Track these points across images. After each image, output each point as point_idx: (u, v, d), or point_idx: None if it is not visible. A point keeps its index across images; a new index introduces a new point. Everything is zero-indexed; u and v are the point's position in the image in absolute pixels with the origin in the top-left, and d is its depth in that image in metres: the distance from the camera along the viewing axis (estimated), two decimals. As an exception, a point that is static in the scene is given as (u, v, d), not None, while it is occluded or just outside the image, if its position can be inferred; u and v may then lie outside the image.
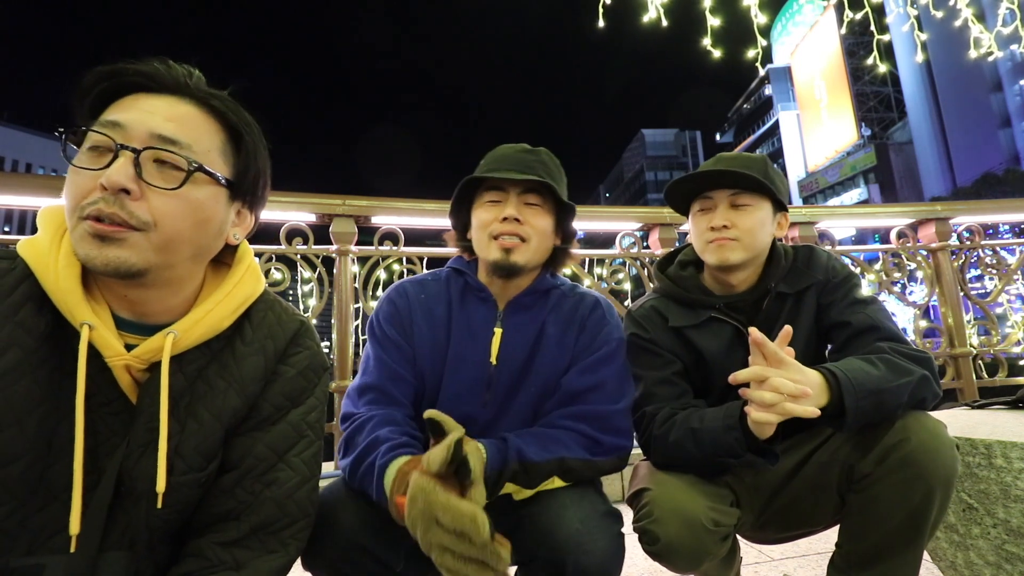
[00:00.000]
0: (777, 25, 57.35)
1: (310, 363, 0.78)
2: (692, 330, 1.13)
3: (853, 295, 1.09)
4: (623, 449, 0.97)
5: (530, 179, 0.99)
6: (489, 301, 1.05)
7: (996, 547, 1.05)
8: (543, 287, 1.08)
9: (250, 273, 0.75)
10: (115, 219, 0.60)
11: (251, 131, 0.71)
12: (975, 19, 3.92)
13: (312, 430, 0.75)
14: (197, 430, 0.67)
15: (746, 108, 66.14)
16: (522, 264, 1.01)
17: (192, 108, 0.66)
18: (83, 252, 0.60)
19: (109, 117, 0.63)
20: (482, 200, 1.04)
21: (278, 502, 0.70)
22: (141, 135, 0.62)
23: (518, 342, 1.03)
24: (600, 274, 2.69)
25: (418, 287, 1.08)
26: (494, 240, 1.01)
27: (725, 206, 1.10)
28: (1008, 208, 3.22)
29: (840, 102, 48.41)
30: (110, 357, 0.63)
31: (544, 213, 1.03)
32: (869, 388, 0.87)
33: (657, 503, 0.95)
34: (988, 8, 22.56)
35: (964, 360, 2.82)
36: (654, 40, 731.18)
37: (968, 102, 37.40)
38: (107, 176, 0.60)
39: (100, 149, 0.62)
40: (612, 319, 1.08)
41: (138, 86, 0.65)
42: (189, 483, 0.66)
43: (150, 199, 0.62)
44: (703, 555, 0.94)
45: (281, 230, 2.24)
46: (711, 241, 1.10)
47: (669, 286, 1.19)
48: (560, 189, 1.03)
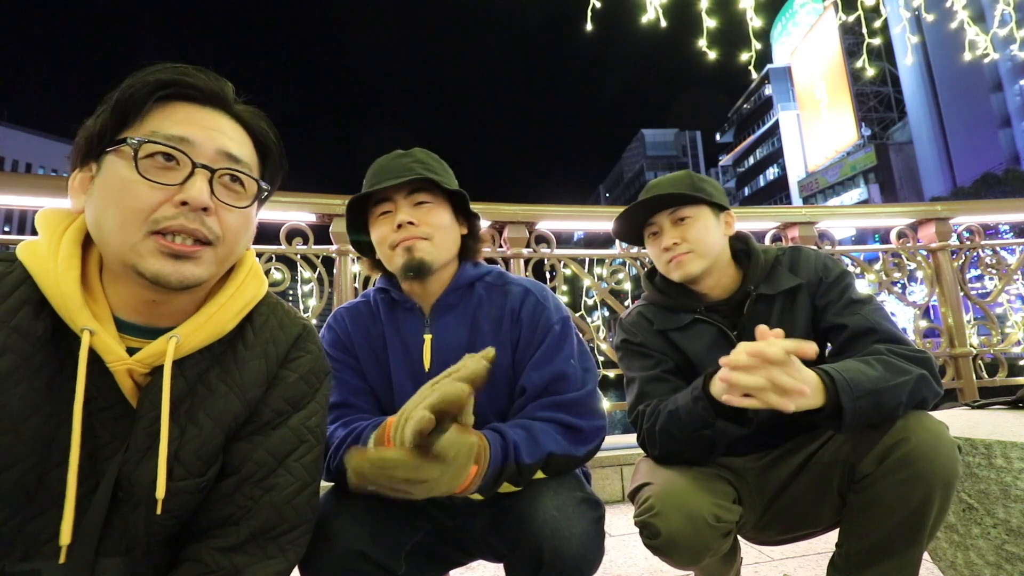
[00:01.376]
0: (777, 25, 57.40)
1: (312, 367, 0.77)
2: (677, 332, 1.17)
3: (848, 295, 1.09)
4: (601, 431, 0.96)
5: (410, 179, 0.98)
6: (415, 310, 1.05)
7: (996, 547, 1.05)
8: (464, 280, 1.06)
9: (252, 275, 0.75)
10: (197, 235, 0.63)
11: (278, 148, 0.75)
12: (972, 20, 3.93)
13: (312, 435, 0.75)
14: (197, 435, 0.67)
15: (746, 108, 66.17)
16: (430, 261, 0.99)
17: (237, 125, 0.70)
18: (154, 269, 0.61)
19: (174, 132, 0.63)
20: (374, 216, 1.03)
21: (277, 508, 0.69)
22: (210, 153, 0.65)
23: (450, 344, 1.01)
24: (600, 274, 2.70)
25: (351, 311, 1.09)
26: (395, 248, 1.00)
27: (669, 224, 1.16)
28: (1008, 208, 3.22)
29: (840, 102, 48.44)
30: (112, 362, 0.63)
31: (437, 208, 1.02)
32: (866, 388, 0.87)
33: (658, 497, 0.96)
34: (987, 8, 22.57)
35: (964, 360, 2.82)
36: (654, 40, 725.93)
37: (968, 102, 37.42)
38: (193, 196, 0.62)
39: (169, 163, 0.63)
40: (547, 302, 1.04)
41: (186, 97, 0.66)
42: (189, 488, 0.66)
43: (220, 215, 0.66)
44: (704, 550, 0.94)
45: (281, 230, 2.24)
46: (669, 261, 1.16)
47: (654, 294, 1.25)
48: (444, 179, 1.02)
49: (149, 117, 0.63)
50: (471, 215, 1.09)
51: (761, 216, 2.93)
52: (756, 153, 62.86)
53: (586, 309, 2.70)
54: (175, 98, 0.65)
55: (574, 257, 2.67)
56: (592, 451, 0.94)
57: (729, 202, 1.21)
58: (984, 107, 36.72)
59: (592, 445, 0.94)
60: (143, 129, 0.63)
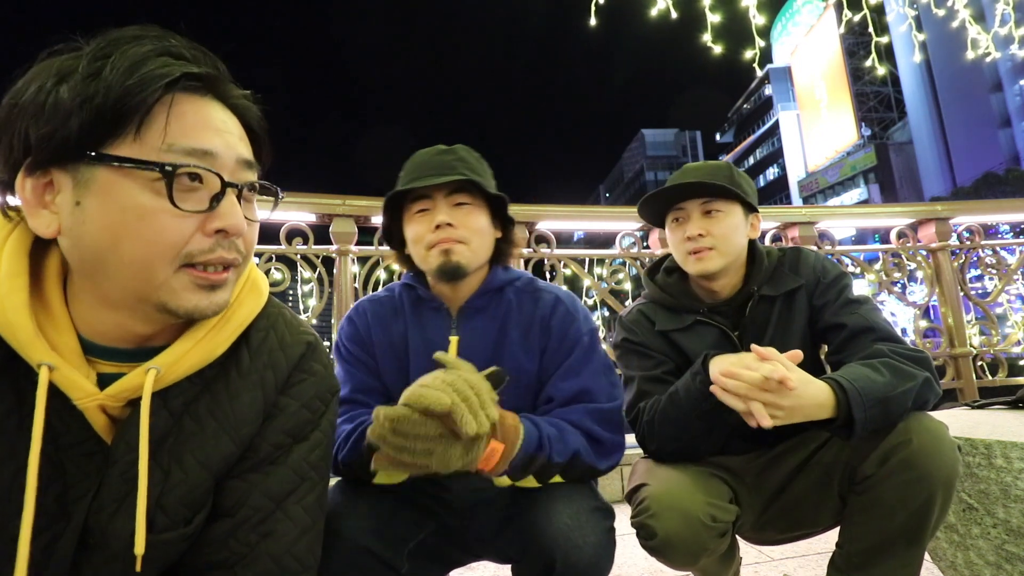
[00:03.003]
0: (777, 25, 57.36)
1: (316, 391, 0.68)
2: (678, 333, 1.16)
3: (846, 295, 1.10)
4: (620, 449, 0.96)
5: (453, 179, 0.95)
6: (442, 310, 1.03)
7: (996, 547, 1.05)
8: (495, 285, 1.04)
9: (249, 286, 0.65)
10: (234, 264, 0.56)
11: (267, 136, 0.65)
12: (973, 20, 3.92)
13: (315, 470, 0.66)
14: (183, 480, 0.58)
15: (746, 108, 66.15)
16: (465, 264, 0.98)
17: (234, 116, 0.59)
18: (190, 305, 0.54)
19: (196, 144, 0.53)
20: (411, 212, 1.01)
21: (275, 557, 0.61)
22: (230, 164, 0.56)
23: (477, 347, 1.00)
24: (600, 274, 2.70)
25: (375, 305, 1.07)
26: (431, 249, 0.98)
27: (698, 214, 1.13)
28: (1008, 208, 3.22)
29: (840, 102, 48.41)
30: (79, 399, 0.53)
31: (476, 210, 1.00)
32: (876, 397, 0.87)
33: (655, 498, 0.96)
34: (987, 8, 22.58)
35: (964, 360, 2.82)
36: (654, 40, 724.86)
37: (968, 102, 37.39)
38: (234, 224, 0.55)
39: (193, 183, 0.53)
40: (577, 312, 1.03)
41: (189, 88, 0.54)
42: (173, 540, 0.58)
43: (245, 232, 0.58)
44: (700, 550, 0.94)
45: (281, 230, 2.24)
46: (690, 252, 1.13)
47: (656, 292, 1.23)
48: (486, 182, 1.00)
49: (153, 119, 0.51)
50: (508, 220, 1.07)
51: (761, 216, 2.92)
52: (756, 153, 62.84)
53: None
54: (179, 89, 0.53)
55: (574, 257, 2.67)
56: (611, 466, 0.94)
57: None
58: (984, 107, 36.70)
59: (612, 460, 0.94)
60: (151, 139, 0.51)
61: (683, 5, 3.42)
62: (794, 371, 0.88)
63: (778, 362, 0.88)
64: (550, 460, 0.84)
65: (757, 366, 0.87)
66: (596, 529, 0.85)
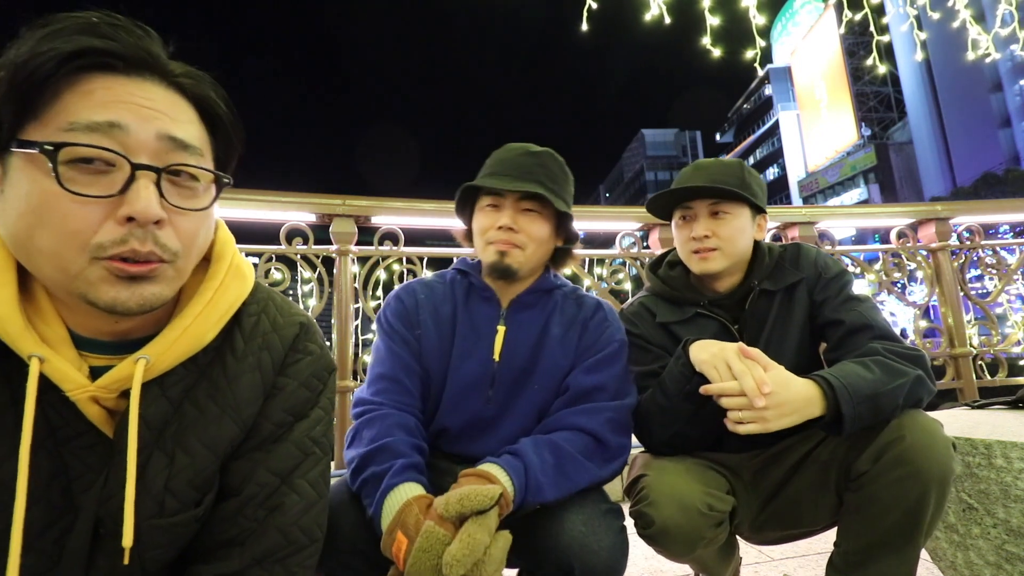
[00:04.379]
0: (777, 25, 57.36)
1: (313, 370, 0.69)
2: (678, 326, 1.17)
3: (846, 292, 1.11)
4: (625, 451, 0.98)
5: (523, 189, 0.99)
6: (493, 300, 1.06)
7: (996, 547, 1.05)
8: (545, 286, 1.09)
9: (233, 272, 0.64)
10: (151, 258, 0.51)
11: (230, 117, 0.61)
12: (973, 20, 3.92)
13: (318, 446, 0.68)
14: (189, 464, 0.59)
15: (746, 108, 66.14)
16: (516, 268, 1.02)
17: (176, 94, 0.55)
18: (109, 297, 0.51)
19: (98, 117, 0.49)
20: (482, 204, 1.05)
21: (283, 530, 0.63)
22: (148, 140, 0.51)
23: (521, 339, 1.04)
24: (600, 274, 2.69)
25: (425, 288, 1.10)
26: (490, 245, 1.02)
27: (705, 215, 1.14)
28: (1008, 208, 3.22)
29: (840, 102, 48.40)
30: (71, 391, 0.53)
31: (541, 219, 1.03)
32: (865, 393, 0.88)
33: (652, 487, 0.97)
34: (988, 8, 22.58)
35: (964, 360, 2.82)
36: (654, 40, 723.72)
37: (968, 102, 37.39)
38: (141, 210, 0.49)
39: (96, 163, 0.49)
40: (614, 322, 1.09)
41: (104, 66, 0.50)
42: (184, 521, 0.59)
43: (175, 222, 0.54)
44: (697, 539, 0.95)
45: (281, 230, 2.24)
46: (694, 251, 1.14)
47: (658, 285, 1.24)
48: (560, 196, 1.03)
49: (60, 100, 0.48)
50: (572, 233, 1.11)
51: (762, 216, 2.92)
52: (756, 153, 62.83)
53: (586, 309, 2.70)
54: (91, 68, 0.50)
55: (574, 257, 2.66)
56: (616, 471, 0.96)
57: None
58: (984, 107, 36.69)
59: (617, 464, 0.96)
60: (55, 120, 0.48)
61: (680, 7, 3.42)
62: (775, 369, 0.90)
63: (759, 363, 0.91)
64: (542, 503, 0.86)
65: (740, 371, 0.89)
66: (609, 532, 0.86)
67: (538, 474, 0.85)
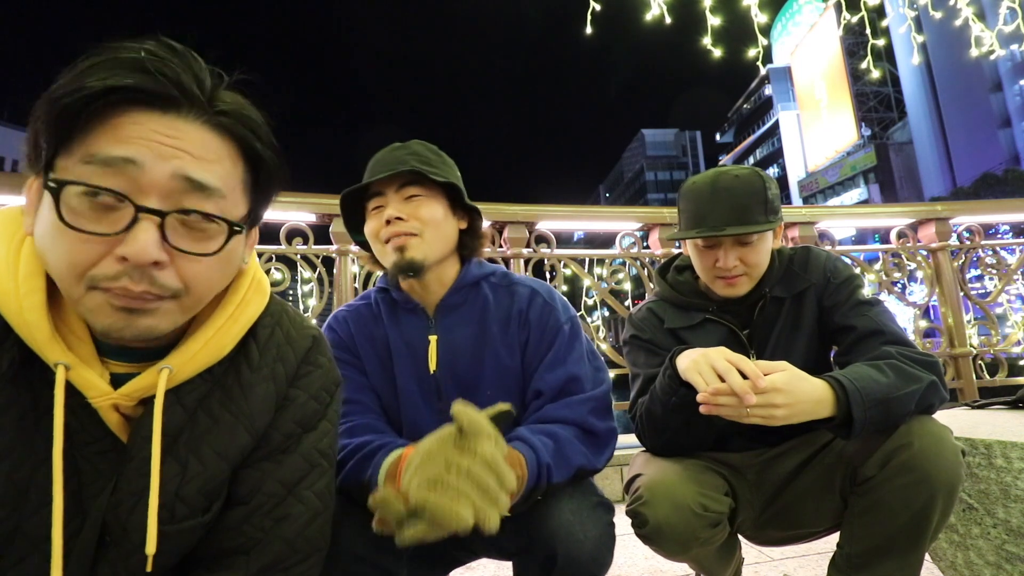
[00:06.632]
0: (777, 25, 57.36)
1: (323, 383, 0.70)
2: (687, 331, 1.16)
3: (856, 297, 1.08)
4: (614, 435, 0.96)
5: (398, 171, 0.94)
6: (417, 310, 1.02)
7: (996, 547, 1.05)
8: (468, 280, 1.03)
9: (255, 288, 0.65)
10: (145, 296, 0.51)
11: (273, 156, 0.60)
12: (975, 18, 3.92)
13: (325, 458, 0.69)
14: (201, 471, 0.60)
15: (746, 108, 66.15)
16: (421, 259, 0.95)
17: (209, 130, 0.54)
18: (104, 324, 0.51)
19: (115, 152, 0.49)
20: (369, 210, 1.01)
21: (288, 540, 0.63)
22: (161, 178, 0.50)
23: (457, 345, 0.99)
24: (600, 274, 2.70)
25: (353, 313, 1.06)
26: (386, 245, 0.97)
27: (731, 243, 1.07)
28: (1008, 208, 3.22)
29: (840, 102, 48.43)
30: (94, 398, 0.54)
31: (428, 201, 0.98)
32: (877, 397, 0.87)
33: (648, 487, 0.97)
34: (988, 8, 22.58)
35: (964, 360, 2.82)
36: (654, 40, 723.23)
37: (968, 102, 37.41)
38: (135, 253, 0.49)
39: (102, 197, 0.49)
40: (555, 302, 1.02)
41: (140, 102, 0.51)
42: (192, 528, 0.60)
43: (180, 264, 0.53)
44: (691, 539, 0.95)
45: (281, 230, 2.24)
46: (719, 278, 1.10)
47: (667, 290, 1.22)
48: (437, 170, 0.99)
49: (91, 133, 0.49)
50: (471, 209, 1.04)
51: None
52: (756, 153, 62.82)
53: (586, 309, 2.70)
54: (124, 104, 0.50)
55: (574, 257, 2.67)
56: (608, 458, 0.95)
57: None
58: (984, 107, 36.71)
59: (608, 451, 0.95)
60: (79, 151, 0.49)
61: (681, 6, 3.42)
62: (787, 368, 0.88)
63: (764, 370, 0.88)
64: (551, 483, 0.84)
65: (724, 368, 0.87)
66: (597, 523, 0.85)
67: (544, 455, 0.84)
